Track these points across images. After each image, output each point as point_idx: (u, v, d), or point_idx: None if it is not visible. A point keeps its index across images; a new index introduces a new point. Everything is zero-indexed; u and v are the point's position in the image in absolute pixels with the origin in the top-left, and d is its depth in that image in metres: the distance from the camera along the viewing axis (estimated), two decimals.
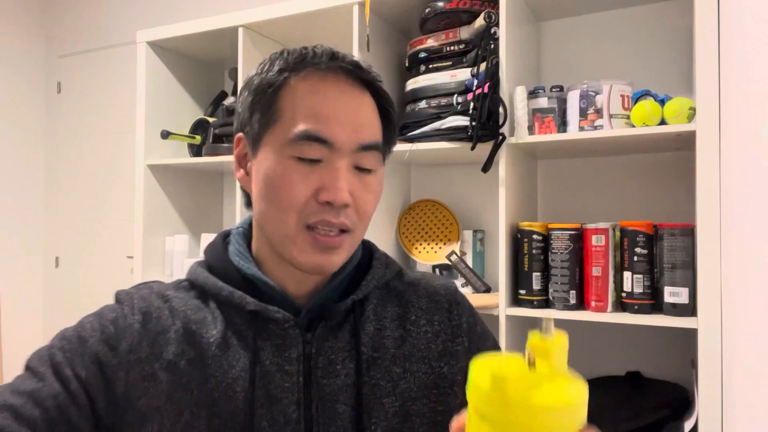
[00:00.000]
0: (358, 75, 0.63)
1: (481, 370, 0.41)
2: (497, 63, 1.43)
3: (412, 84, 1.59)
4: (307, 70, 0.62)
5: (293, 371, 0.62)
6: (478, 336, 0.73)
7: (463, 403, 0.43)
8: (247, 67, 1.84)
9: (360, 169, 0.62)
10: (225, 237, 0.72)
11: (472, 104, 1.42)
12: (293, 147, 0.60)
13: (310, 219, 0.60)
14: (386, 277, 0.71)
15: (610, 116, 1.33)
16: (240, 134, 0.66)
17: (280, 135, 0.61)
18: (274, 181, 0.60)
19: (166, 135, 1.94)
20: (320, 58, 0.62)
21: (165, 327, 0.63)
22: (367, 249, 0.73)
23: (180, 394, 0.60)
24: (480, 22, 1.47)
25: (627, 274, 1.30)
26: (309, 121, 0.60)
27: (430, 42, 1.57)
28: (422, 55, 1.59)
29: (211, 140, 1.99)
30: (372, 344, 0.65)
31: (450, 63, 1.54)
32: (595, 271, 1.33)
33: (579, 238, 1.36)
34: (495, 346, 0.75)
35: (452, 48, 1.54)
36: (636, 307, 1.28)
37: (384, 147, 0.66)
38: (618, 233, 1.33)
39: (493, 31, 1.45)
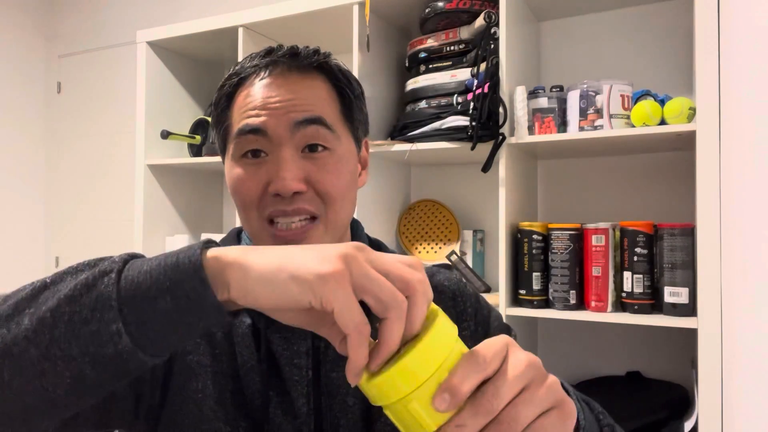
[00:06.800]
0: (298, 63, 0.64)
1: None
2: (497, 63, 1.43)
3: (412, 84, 1.59)
4: (249, 76, 0.65)
5: (302, 364, 0.62)
6: (484, 318, 0.75)
7: None
8: None
9: (311, 150, 0.62)
10: (238, 234, 0.73)
11: (472, 104, 1.42)
12: (237, 147, 0.63)
13: (267, 212, 0.62)
14: None
15: (610, 116, 1.33)
16: None
17: (231, 142, 0.65)
18: (232, 184, 0.64)
19: (166, 135, 1.94)
20: (258, 59, 0.65)
21: None
22: (375, 247, 0.74)
23: (214, 362, 0.62)
24: (480, 22, 1.47)
25: (627, 274, 1.30)
26: (243, 119, 0.63)
27: (430, 42, 1.57)
28: (422, 55, 1.58)
29: (210, 140, 1.99)
30: None
31: (450, 63, 1.54)
32: (595, 271, 1.32)
33: (579, 238, 1.36)
34: (505, 329, 0.75)
35: (452, 48, 1.54)
36: (636, 307, 1.28)
37: (345, 122, 0.66)
38: (618, 233, 1.33)
39: (493, 31, 1.45)
